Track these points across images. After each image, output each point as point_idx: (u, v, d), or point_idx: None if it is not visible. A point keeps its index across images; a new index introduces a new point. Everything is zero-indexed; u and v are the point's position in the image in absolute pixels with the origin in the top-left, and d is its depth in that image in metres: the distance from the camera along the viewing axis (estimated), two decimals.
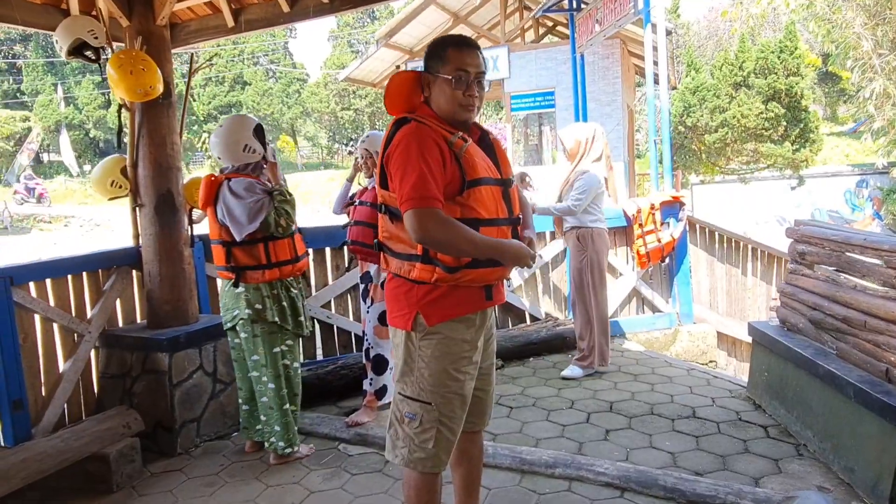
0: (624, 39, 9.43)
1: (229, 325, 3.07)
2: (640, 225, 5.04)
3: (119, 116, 3.39)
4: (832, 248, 3.11)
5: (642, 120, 20.27)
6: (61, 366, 3.34)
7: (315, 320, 4.36)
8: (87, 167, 32.05)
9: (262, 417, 3.06)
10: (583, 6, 7.59)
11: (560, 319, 5.00)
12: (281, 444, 3.04)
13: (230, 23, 4.20)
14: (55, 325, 3.30)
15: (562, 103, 9.58)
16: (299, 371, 3.18)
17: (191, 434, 3.39)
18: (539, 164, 11.66)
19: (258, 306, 3.00)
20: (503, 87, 9.58)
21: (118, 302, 3.63)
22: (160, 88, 3.27)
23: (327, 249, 4.42)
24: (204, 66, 3.76)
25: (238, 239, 2.93)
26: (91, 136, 33.30)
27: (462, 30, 10.80)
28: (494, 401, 3.81)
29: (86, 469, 2.95)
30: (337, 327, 4.44)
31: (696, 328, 5.30)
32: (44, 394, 3.24)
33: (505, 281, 2.07)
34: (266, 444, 3.09)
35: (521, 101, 9.60)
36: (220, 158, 3.06)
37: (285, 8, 4.03)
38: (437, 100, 1.91)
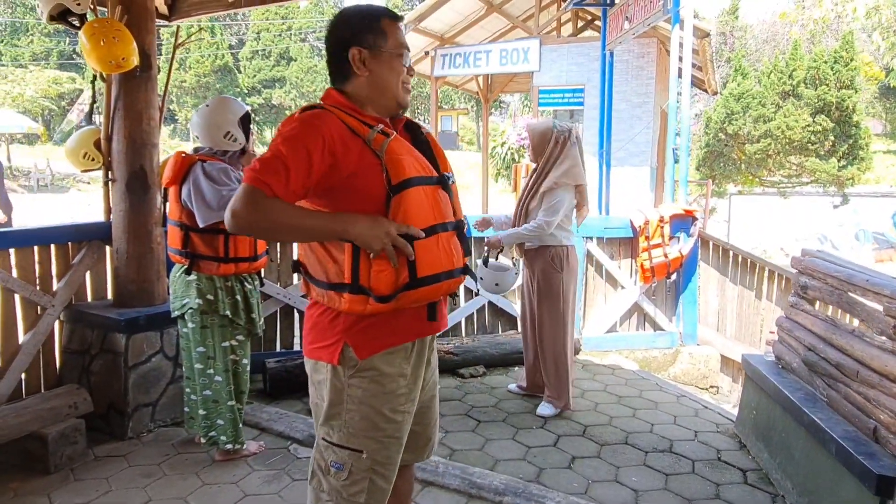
0: (662, 40, 9.03)
1: (177, 313, 2.95)
2: (647, 238, 4.77)
3: (93, 87, 3.29)
4: (834, 285, 2.83)
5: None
6: (20, 337, 3.29)
7: (295, 309, 4.24)
8: None
9: (202, 411, 2.94)
10: (616, 1, 7.26)
11: None
12: (223, 438, 2.92)
13: None
14: (17, 296, 3.24)
15: (591, 101, 9.25)
16: (248, 368, 3.06)
17: (144, 418, 3.30)
18: None
19: (210, 297, 2.87)
20: (532, 80, 9.30)
21: (88, 277, 3.56)
22: (134, 61, 3.15)
23: None
24: (190, 40, 3.64)
25: (201, 225, 2.79)
26: None
27: (495, 19, 10.52)
28: (464, 412, 3.70)
29: (25, 447, 2.88)
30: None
31: (699, 350, 5.02)
32: (0, 364, 3.19)
33: (451, 298, 1.77)
34: (203, 439, 2.97)
35: (549, 96, 9.31)
36: (198, 137, 2.93)
37: None
38: (376, 81, 1.61)
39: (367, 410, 1.59)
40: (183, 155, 2.91)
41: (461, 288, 4.65)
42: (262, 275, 3.22)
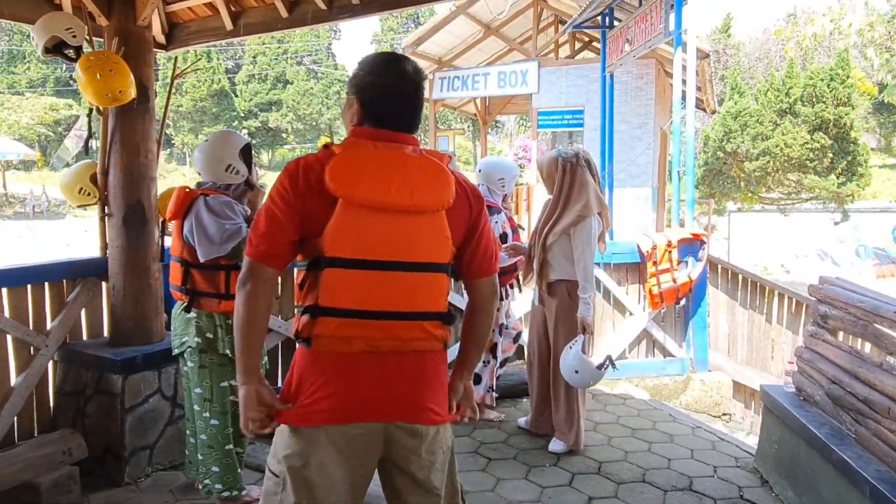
0: (661, 60, 9.04)
1: (177, 351, 2.84)
2: (655, 263, 4.68)
3: (89, 120, 3.21)
4: (858, 315, 2.74)
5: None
6: (13, 379, 3.16)
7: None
8: None
9: (200, 456, 2.81)
10: (616, 23, 7.25)
11: None
12: (218, 486, 2.78)
13: (229, 25, 4.03)
14: (9, 337, 3.13)
15: (591, 122, 9.22)
16: None
17: (142, 462, 3.17)
18: None
19: (209, 335, 2.76)
20: (531, 102, 9.28)
21: (84, 314, 3.44)
22: (132, 93, 3.07)
23: None
24: (188, 70, 3.57)
25: (202, 259, 2.69)
26: None
27: (493, 42, 10.54)
28: (473, 448, 3.57)
29: (18, 497, 2.75)
30: None
31: (711, 377, 4.91)
32: None
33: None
34: (201, 486, 2.84)
35: (548, 118, 9.29)
36: (200, 174, 2.85)
37: (283, 13, 3.84)
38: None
39: None
40: (187, 190, 2.82)
41: None
42: None
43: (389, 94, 1.60)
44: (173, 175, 28.93)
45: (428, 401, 1.61)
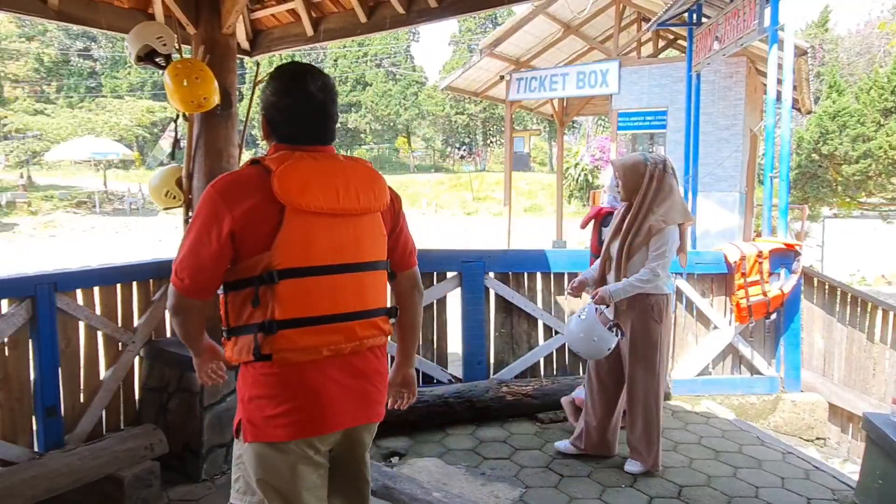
0: (751, 58, 8.54)
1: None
2: (744, 274, 4.40)
3: (176, 126, 3.32)
4: None
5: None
6: (102, 374, 3.32)
7: None
8: None
9: None
10: (704, 20, 6.90)
11: None
12: None
13: (310, 31, 4.10)
14: (99, 333, 3.28)
15: (674, 124, 8.82)
16: None
17: (218, 460, 3.25)
18: None
19: None
20: (611, 102, 9.00)
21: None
22: (216, 100, 3.15)
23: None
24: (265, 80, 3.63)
25: None
26: None
27: (572, 42, 10.30)
28: (545, 463, 3.43)
29: (102, 489, 2.87)
30: (390, 356, 4.18)
31: (803, 397, 4.57)
32: (82, 401, 3.22)
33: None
34: None
35: (629, 119, 8.97)
36: None
37: (362, 18, 3.87)
38: None
39: None
40: None
41: (540, 326, 4.43)
42: None
43: (294, 114, 1.60)
44: None
45: (380, 396, 1.71)
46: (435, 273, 4.24)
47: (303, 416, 1.55)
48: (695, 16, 7.15)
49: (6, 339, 2.91)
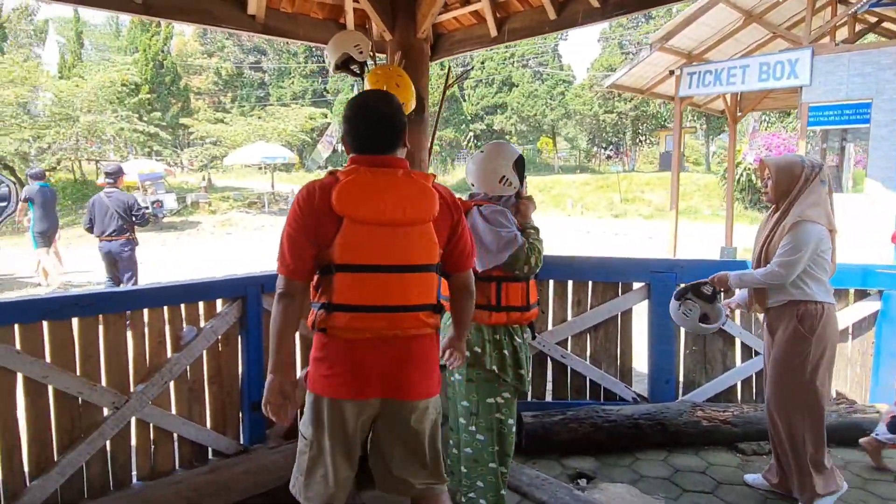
0: None
1: (444, 362, 2.82)
2: None
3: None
4: None
5: None
6: (298, 371, 3.43)
7: (549, 357, 3.97)
8: None
9: (463, 469, 2.77)
10: None
11: (858, 404, 3.88)
12: (482, 502, 2.71)
13: (493, 32, 4.01)
14: (297, 333, 3.40)
15: (882, 118, 7.73)
16: (514, 429, 2.81)
17: None
18: (837, 189, 9.59)
19: (477, 349, 2.70)
20: (800, 95, 8.09)
21: None
22: (412, 105, 3.14)
23: (569, 283, 3.97)
24: (461, 79, 3.59)
25: (482, 269, 2.65)
26: None
27: (754, 30, 9.41)
28: (758, 501, 3.06)
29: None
30: (571, 369, 3.99)
31: None
32: None
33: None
34: (464, 498, 2.78)
35: (822, 113, 8.00)
36: (473, 185, 2.84)
37: (552, 15, 3.70)
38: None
39: None
40: (460, 200, 2.81)
41: (737, 345, 4.01)
42: (535, 327, 3.00)
43: (358, 126, 1.96)
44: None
45: (420, 378, 1.98)
46: (620, 283, 3.97)
47: (342, 381, 1.93)
48: None
49: (219, 336, 3.09)
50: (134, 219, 6.91)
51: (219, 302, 3.11)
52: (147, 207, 19.10)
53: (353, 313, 1.88)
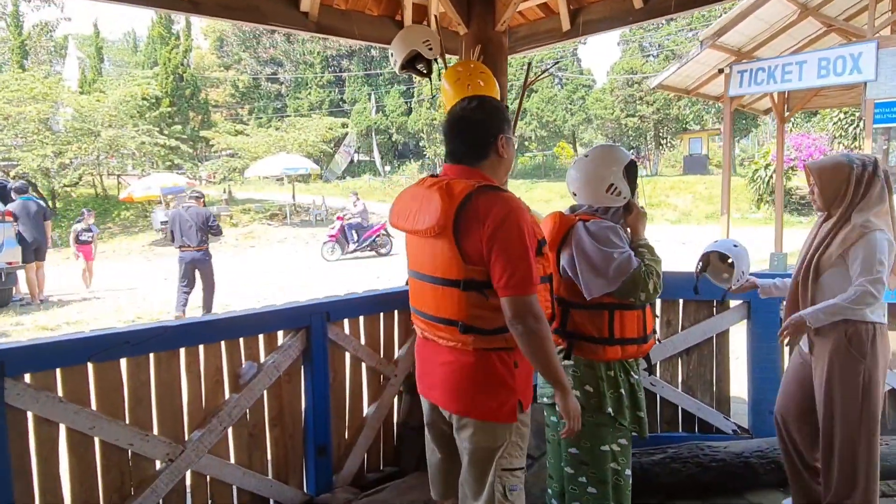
0: None
1: (548, 401, 2.43)
2: None
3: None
4: None
5: None
6: (364, 409, 3.07)
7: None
8: (386, 168, 35.76)
9: None
10: None
11: None
12: None
13: (566, 26, 3.62)
14: (363, 365, 3.03)
15: None
16: (630, 481, 2.41)
17: None
18: None
19: (589, 388, 2.32)
20: (864, 91, 7.61)
21: None
22: None
23: (657, 301, 3.55)
24: (542, 77, 3.22)
25: (590, 296, 2.25)
26: (393, 139, 37.03)
27: (809, 24, 8.94)
28: None
29: None
30: (661, 397, 3.57)
31: None
32: (346, 438, 2.99)
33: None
34: None
35: (890, 110, 7.51)
36: (575, 195, 2.44)
37: (637, 4, 3.30)
38: (506, 161, 2.02)
39: None
40: (562, 216, 2.42)
41: None
42: (652, 360, 2.61)
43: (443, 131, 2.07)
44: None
45: (446, 386, 1.94)
46: (714, 301, 3.56)
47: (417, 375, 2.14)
48: None
49: (282, 373, 2.72)
50: (211, 230, 8.03)
51: (280, 333, 2.75)
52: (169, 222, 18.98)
53: (413, 313, 2.09)
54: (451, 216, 1.80)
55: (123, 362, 2.32)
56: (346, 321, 2.94)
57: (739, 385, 3.68)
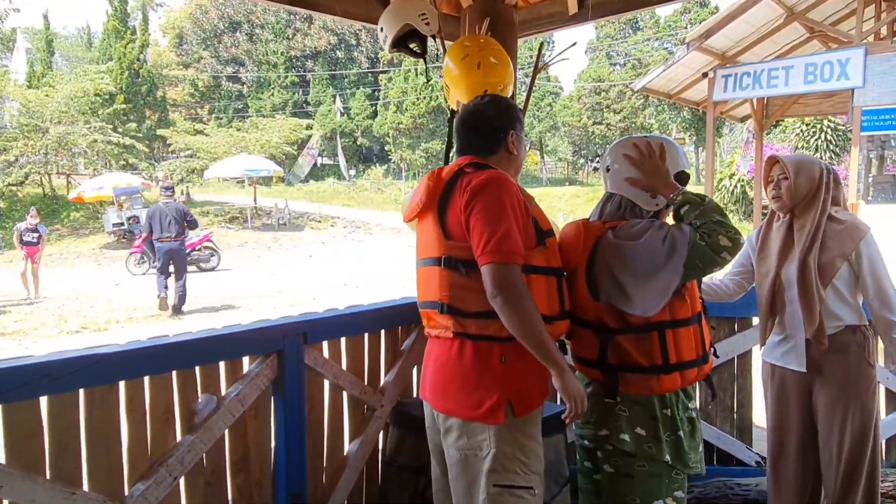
0: None
1: (588, 445, 2.02)
2: None
3: (450, 127, 2.55)
4: None
5: None
6: (346, 446, 2.60)
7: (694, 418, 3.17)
8: (351, 172, 35.11)
9: None
10: None
11: None
12: None
13: (573, 9, 3.22)
14: (344, 395, 2.56)
15: None
16: None
17: None
18: (894, 201, 8.91)
19: (641, 432, 1.90)
20: (851, 99, 7.47)
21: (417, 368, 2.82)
22: (510, 90, 2.34)
23: None
24: (555, 61, 2.82)
25: (647, 311, 1.82)
26: (358, 143, 36.41)
27: (793, 29, 8.82)
28: None
29: None
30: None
31: None
32: (325, 483, 2.52)
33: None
34: None
35: (878, 117, 7.37)
36: (613, 193, 2.03)
37: None
38: (516, 159, 1.95)
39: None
40: (584, 224, 2.02)
41: (881, 393, 3.25)
42: (713, 381, 2.24)
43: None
44: (390, 189, 30.28)
45: (441, 386, 1.83)
46: (736, 320, 3.20)
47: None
48: None
49: (247, 407, 2.23)
50: (188, 223, 8.98)
51: (245, 360, 2.26)
52: (123, 224, 18.02)
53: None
54: (436, 194, 1.81)
55: (44, 401, 1.81)
56: (325, 343, 2.47)
57: (759, 412, 3.34)
